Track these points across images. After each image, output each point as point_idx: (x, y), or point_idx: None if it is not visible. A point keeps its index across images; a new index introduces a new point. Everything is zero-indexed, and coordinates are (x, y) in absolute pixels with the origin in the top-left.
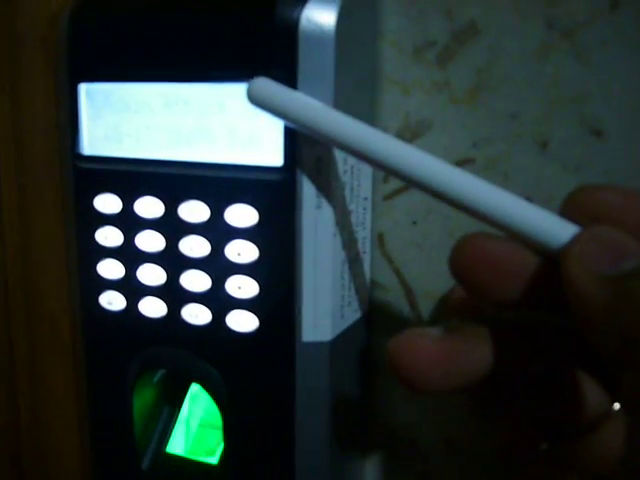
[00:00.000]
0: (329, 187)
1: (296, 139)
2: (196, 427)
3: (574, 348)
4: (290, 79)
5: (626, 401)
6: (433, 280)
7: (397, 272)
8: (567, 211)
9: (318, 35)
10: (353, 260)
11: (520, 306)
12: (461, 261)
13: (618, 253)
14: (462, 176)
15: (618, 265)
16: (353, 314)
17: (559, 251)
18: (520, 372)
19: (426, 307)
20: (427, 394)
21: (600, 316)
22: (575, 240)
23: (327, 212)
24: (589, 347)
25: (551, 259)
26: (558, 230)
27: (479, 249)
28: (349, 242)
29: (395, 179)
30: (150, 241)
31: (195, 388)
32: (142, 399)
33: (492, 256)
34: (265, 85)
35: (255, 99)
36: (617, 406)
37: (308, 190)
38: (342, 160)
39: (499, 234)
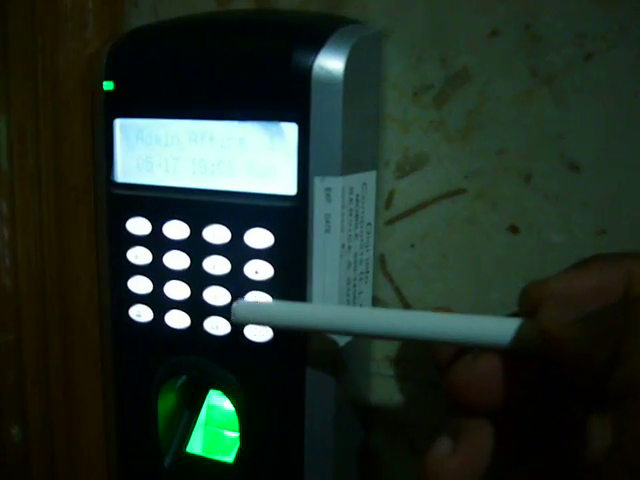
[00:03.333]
0: (337, 213)
1: (308, 171)
2: (213, 429)
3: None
4: (303, 120)
5: (613, 399)
6: (429, 297)
7: (397, 290)
8: (522, 306)
9: (329, 81)
10: (358, 279)
11: (507, 403)
12: (449, 388)
13: (577, 304)
14: (421, 316)
15: (580, 312)
16: None
17: (514, 341)
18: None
19: None
20: None
21: (579, 349)
22: (541, 308)
23: (335, 236)
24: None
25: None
26: (503, 328)
27: (460, 376)
28: (354, 262)
29: (396, 206)
30: (176, 260)
31: (213, 393)
32: (166, 403)
33: (473, 379)
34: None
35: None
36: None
37: (318, 216)
38: (348, 189)
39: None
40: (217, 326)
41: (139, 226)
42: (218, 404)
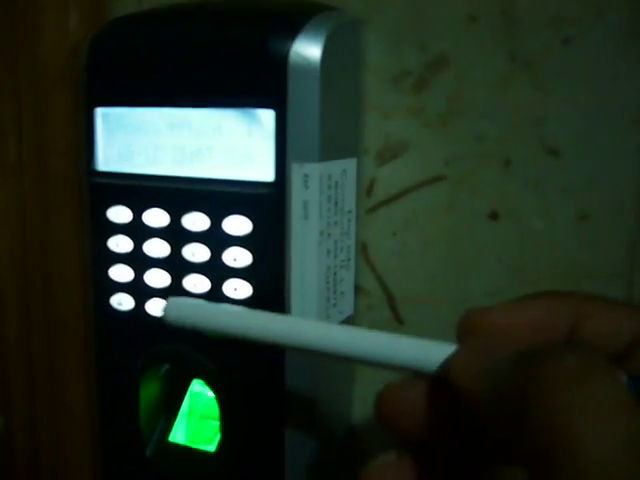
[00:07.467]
0: (315, 200)
1: (285, 157)
2: (196, 418)
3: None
4: (280, 106)
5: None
6: (411, 286)
7: (379, 278)
8: (462, 334)
9: (305, 67)
10: (339, 266)
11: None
12: (379, 414)
13: (488, 350)
14: (347, 332)
15: (492, 357)
16: (338, 315)
17: (440, 369)
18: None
19: (405, 310)
20: None
21: (482, 403)
22: (455, 351)
23: (313, 222)
24: None
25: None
26: (432, 354)
27: (388, 402)
28: (335, 250)
29: (377, 193)
30: (157, 248)
31: (196, 382)
32: (148, 392)
33: (399, 406)
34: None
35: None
36: None
37: (296, 203)
38: (327, 176)
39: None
40: None
41: (120, 214)
42: (201, 393)
